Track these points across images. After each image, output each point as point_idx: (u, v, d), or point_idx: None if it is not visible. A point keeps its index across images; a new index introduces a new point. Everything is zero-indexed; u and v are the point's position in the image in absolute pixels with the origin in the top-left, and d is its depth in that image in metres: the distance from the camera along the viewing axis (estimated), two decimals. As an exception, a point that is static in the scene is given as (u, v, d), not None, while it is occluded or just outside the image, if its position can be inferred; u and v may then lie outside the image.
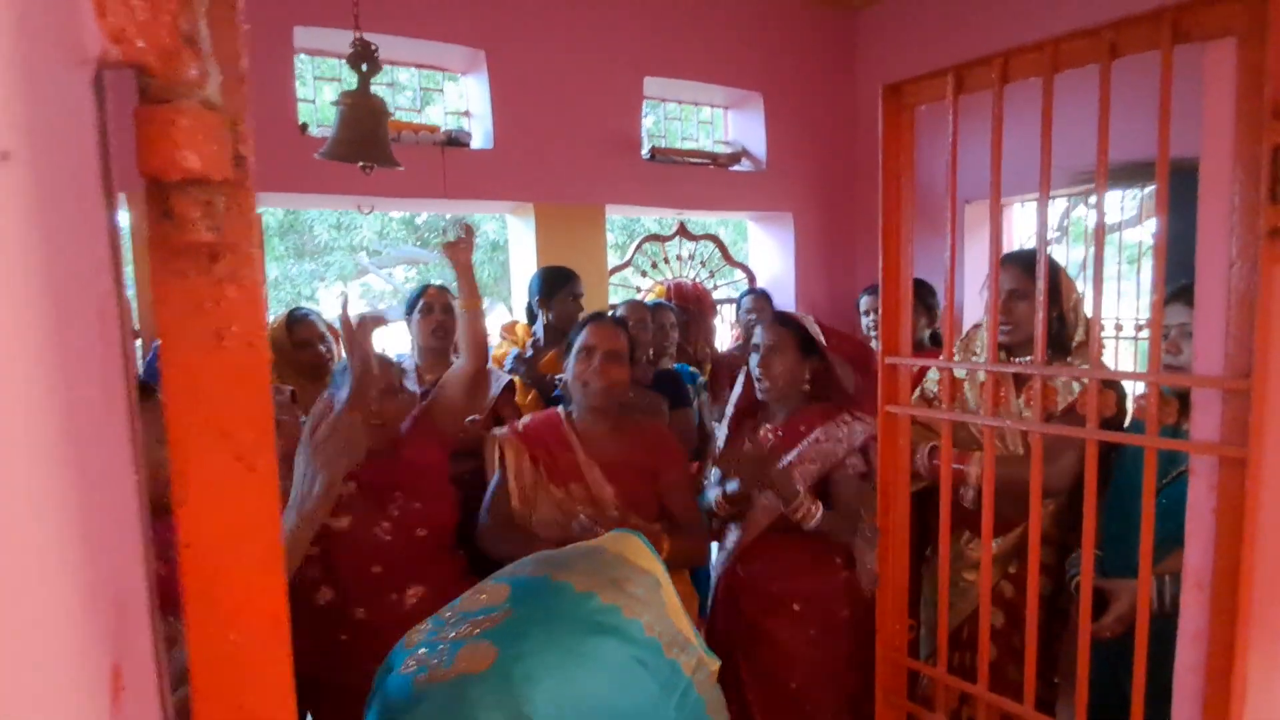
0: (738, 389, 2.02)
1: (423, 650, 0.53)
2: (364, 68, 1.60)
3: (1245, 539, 1.03)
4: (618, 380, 1.71)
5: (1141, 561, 1.16)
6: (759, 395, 1.91)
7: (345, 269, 8.23)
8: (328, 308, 9.41)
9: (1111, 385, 1.67)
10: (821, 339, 1.86)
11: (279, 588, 0.37)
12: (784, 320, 1.92)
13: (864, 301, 2.96)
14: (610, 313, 2.64)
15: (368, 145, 1.63)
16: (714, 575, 2.08)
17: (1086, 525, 1.21)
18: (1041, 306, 1.24)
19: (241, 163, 0.35)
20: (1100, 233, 1.22)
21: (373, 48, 1.62)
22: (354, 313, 1.53)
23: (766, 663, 1.84)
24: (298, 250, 8.55)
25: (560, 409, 1.82)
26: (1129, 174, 2.98)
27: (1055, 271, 1.81)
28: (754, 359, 1.90)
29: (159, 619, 0.43)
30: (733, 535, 1.95)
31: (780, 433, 1.87)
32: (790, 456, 1.82)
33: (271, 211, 7.90)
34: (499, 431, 1.78)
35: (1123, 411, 1.65)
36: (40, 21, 0.27)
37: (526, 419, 1.82)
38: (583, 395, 1.71)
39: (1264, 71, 0.96)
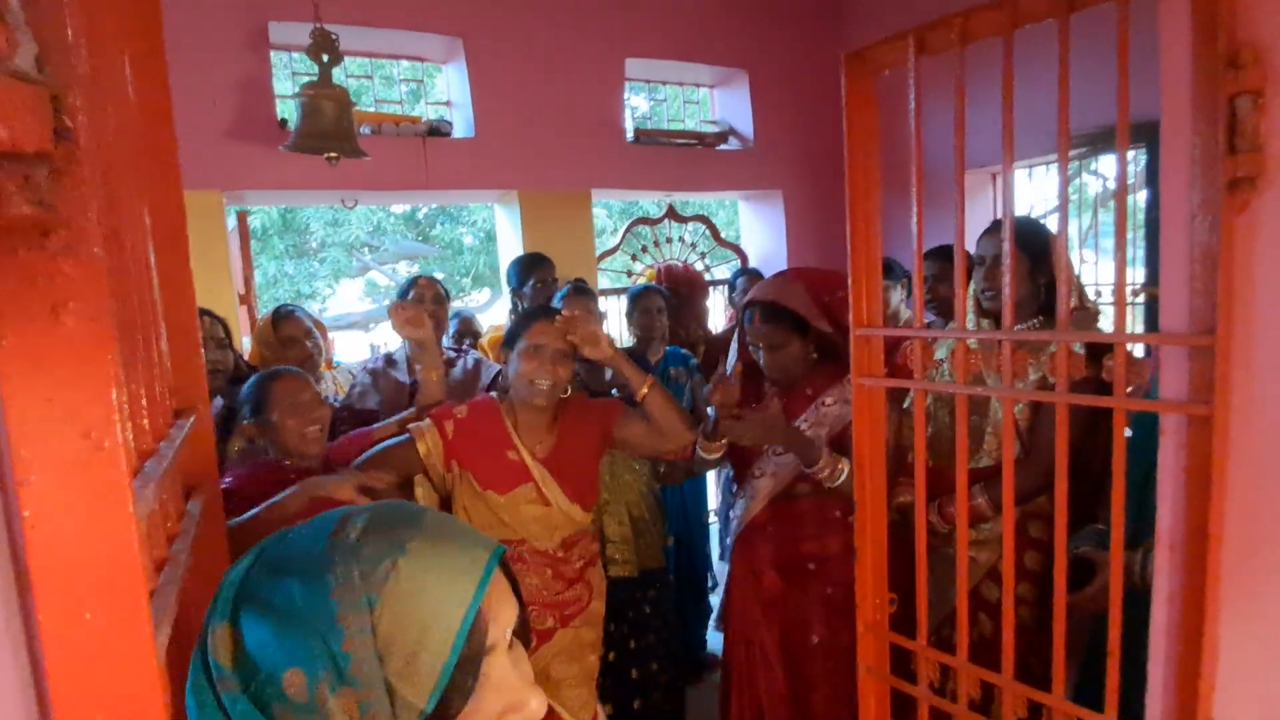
0: (732, 356, 2.04)
1: None
2: (325, 58, 1.59)
3: (1214, 496, 1.02)
4: (562, 378, 1.72)
5: (1114, 521, 1.15)
6: (769, 378, 1.93)
7: (341, 265, 8.24)
8: (332, 305, 9.44)
9: (1094, 351, 1.65)
10: (814, 314, 1.83)
11: (135, 564, 0.37)
12: (776, 313, 1.85)
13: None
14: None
15: (333, 136, 1.62)
16: (718, 535, 2.17)
17: (1059, 492, 1.19)
18: (1009, 269, 1.22)
19: (67, 136, 0.35)
20: (1064, 198, 1.19)
21: (333, 37, 1.61)
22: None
23: (788, 623, 1.93)
24: (298, 250, 8.58)
25: (497, 397, 1.82)
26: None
27: (1045, 239, 1.78)
28: (758, 354, 1.91)
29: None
30: (740, 506, 2.01)
31: (787, 398, 1.92)
32: (800, 421, 1.87)
33: (268, 211, 7.92)
34: (421, 424, 1.76)
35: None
36: None
37: (462, 409, 1.79)
38: (529, 393, 1.71)
39: (1218, 21, 0.94)
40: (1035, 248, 1.76)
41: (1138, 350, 2.03)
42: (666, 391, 1.80)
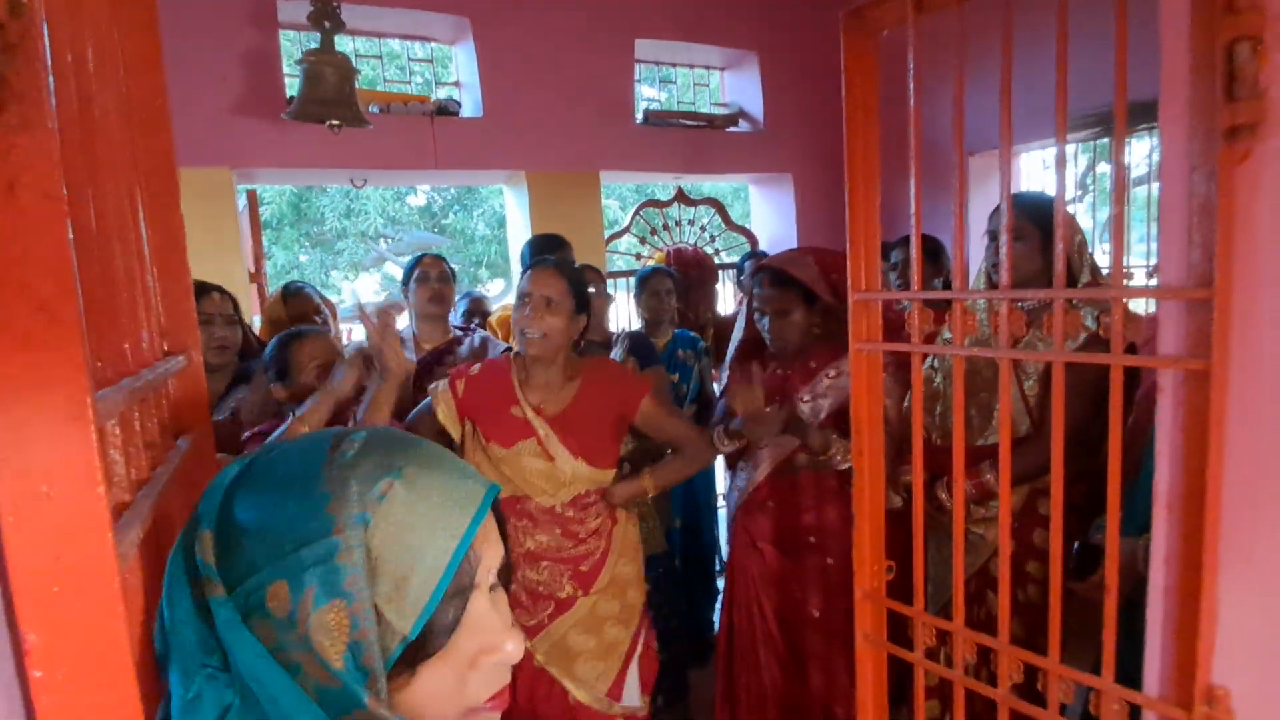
0: (738, 330, 2.06)
1: None
2: (326, 25, 1.60)
3: (1211, 454, 1.00)
4: (552, 327, 1.65)
5: (1110, 483, 1.13)
6: (772, 349, 1.96)
7: (355, 255, 8.28)
8: (347, 293, 9.51)
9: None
10: (821, 286, 1.86)
11: (87, 440, 0.37)
12: (783, 280, 1.90)
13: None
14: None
15: (334, 103, 1.63)
16: (726, 518, 2.18)
17: (1055, 452, 1.18)
18: (1006, 242, 1.21)
19: (20, 10, 0.35)
20: (1061, 153, 1.18)
21: (334, 4, 1.62)
22: (368, 305, 1.52)
23: (789, 595, 1.95)
24: (313, 239, 8.65)
25: (512, 355, 1.82)
26: (1137, 113, 2.89)
27: (1054, 215, 1.76)
28: (762, 321, 1.93)
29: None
30: (741, 478, 2.03)
31: (790, 371, 1.94)
32: (803, 393, 1.90)
33: (281, 198, 7.98)
34: (438, 385, 1.77)
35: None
36: None
37: (477, 368, 1.80)
38: (521, 344, 1.69)
39: (1217, -39, 0.92)
40: (1049, 223, 1.74)
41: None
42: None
